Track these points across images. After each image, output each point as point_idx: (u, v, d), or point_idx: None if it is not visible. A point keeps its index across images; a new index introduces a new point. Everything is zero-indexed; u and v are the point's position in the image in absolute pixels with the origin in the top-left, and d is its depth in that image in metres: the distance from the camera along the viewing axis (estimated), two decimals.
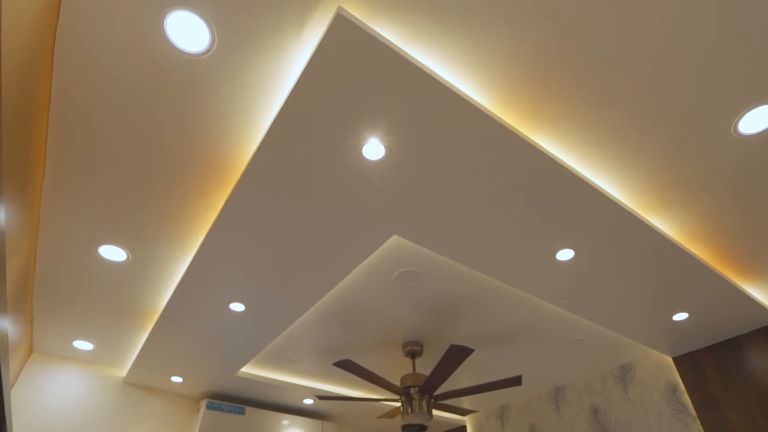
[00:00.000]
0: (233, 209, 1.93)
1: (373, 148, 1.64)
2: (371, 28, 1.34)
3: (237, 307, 2.62)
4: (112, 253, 2.39)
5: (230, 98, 1.64)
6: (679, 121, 1.73)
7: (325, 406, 4.24)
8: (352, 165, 1.71)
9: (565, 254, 2.21)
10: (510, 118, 1.70)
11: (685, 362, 3.20)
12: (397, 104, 1.50)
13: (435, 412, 4.50)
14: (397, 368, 3.64)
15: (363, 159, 1.68)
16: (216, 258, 2.23)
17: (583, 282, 2.44)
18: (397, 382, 3.85)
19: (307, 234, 2.07)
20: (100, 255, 2.41)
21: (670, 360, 3.34)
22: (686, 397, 3.16)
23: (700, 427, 3.03)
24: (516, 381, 2.83)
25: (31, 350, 3.40)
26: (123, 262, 2.46)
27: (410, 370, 3.68)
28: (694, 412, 3.09)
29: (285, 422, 4.04)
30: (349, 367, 2.70)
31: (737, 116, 1.71)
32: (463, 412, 3.36)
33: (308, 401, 4.09)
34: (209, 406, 3.73)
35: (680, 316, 2.77)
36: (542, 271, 2.35)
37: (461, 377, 3.79)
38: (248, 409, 3.91)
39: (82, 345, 3.35)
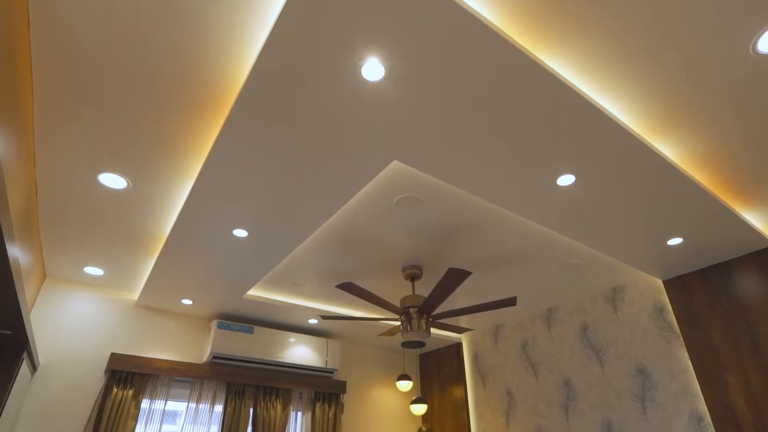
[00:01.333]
0: (230, 134, 1.89)
1: (373, 69, 1.57)
2: None
3: (240, 233, 2.67)
4: (112, 180, 2.39)
5: (221, 13, 1.54)
6: (692, 39, 1.64)
7: (328, 325, 4.48)
8: (351, 86, 1.65)
9: (566, 179, 2.20)
10: (516, 35, 1.61)
11: (675, 285, 3.32)
12: (398, 19, 1.41)
13: (433, 330, 4.77)
14: (397, 291, 3.80)
15: (362, 80, 1.62)
16: (216, 185, 2.23)
17: (582, 207, 2.46)
18: (397, 303, 4.04)
19: (305, 159, 2.05)
20: (101, 183, 2.41)
21: (660, 283, 3.47)
22: (672, 317, 3.33)
23: (683, 343, 3.22)
24: (510, 302, 2.96)
25: (44, 276, 3.53)
26: (124, 189, 2.46)
27: (410, 292, 3.84)
28: (678, 330, 3.27)
29: (291, 340, 4.30)
30: (351, 289, 2.81)
31: (758, 33, 1.61)
32: (459, 330, 3.55)
33: (313, 321, 4.31)
34: (219, 326, 3.94)
35: (675, 241, 2.83)
36: (542, 197, 2.36)
37: (458, 298, 3.97)
38: (256, 328, 4.14)
39: (93, 271, 3.47)
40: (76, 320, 3.60)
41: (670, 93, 1.89)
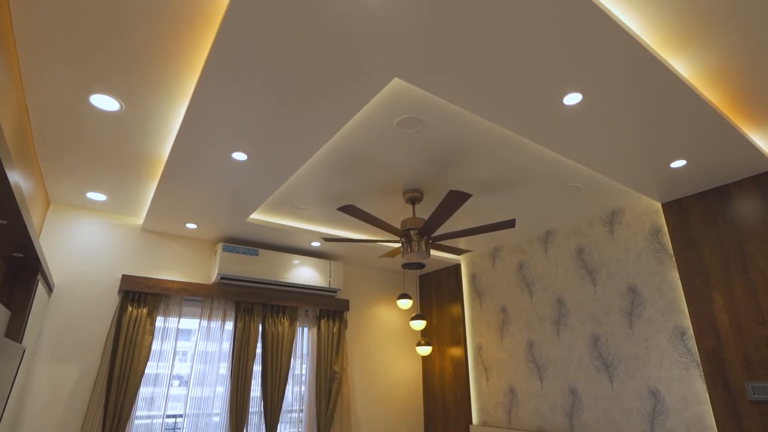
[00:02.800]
0: (222, 48, 1.80)
1: None
2: None
3: (239, 156, 2.65)
4: (105, 102, 2.32)
5: None
6: None
7: (331, 247, 4.60)
8: None
9: (572, 98, 2.13)
10: None
11: (673, 207, 3.35)
12: None
13: (432, 252, 4.91)
14: (397, 213, 3.85)
15: None
16: (211, 105, 2.17)
17: (587, 127, 2.41)
18: (398, 226, 4.11)
19: (302, 77, 1.97)
20: (93, 105, 2.33)
21: (658, 206, 3.50)
22: (667, 239, 3.40)
23: (674, 264, 3.32)
24: (509, 224, 3.00)
25: (48, 202, 3.56)
26: (117, 111, 2.40)
27: (410, 215, 3.89)
28: (671, 251, 3.36)
29: (295, 262, 4.44)
30: (352, 211, 2.85)
31: None
32: (458, 251, 3.65)
33: (315, 244, 4.42)
34: (225, 249, 4.05)
35: (678, 164, 2.81)
36: (548, 117, 2.30)
37: (458, 221, 4.03)
38: (261, 251, 4.26)
39: (95, 196, 3.49)
40: (85, 244, 3.70)
41: (687, 3, 1.76)
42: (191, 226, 3.88)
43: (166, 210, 3.52)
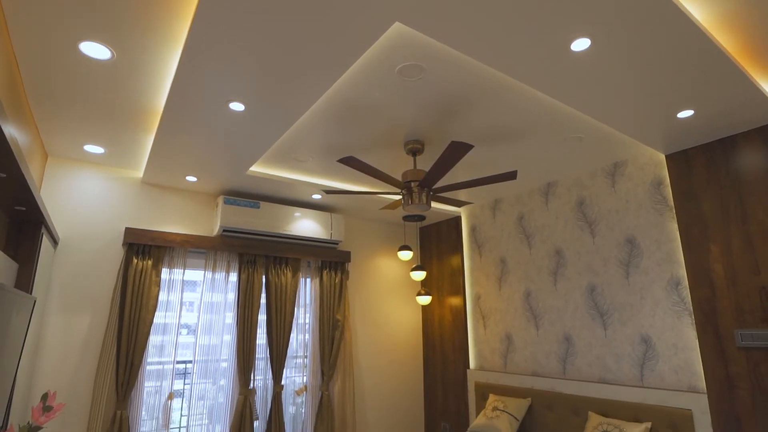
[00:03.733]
0: None
1: None
2: None
3: (236, 106, 2.59)
4: (95, 50, 2.23)
5: None
6: None
7: (332, 200, 4.61)
8: None
9: (580, 44, 2.05)
10: None
11: (677, 159, 3.32)
12: None
13: (433, 204, 4.92)
14: (398, 165, 3.82)
15: None
16: (205, 53, 2.09)
17: (595, 75, 2.33)
18: (398, 178, 4.09)
19: (299, 22, 1.88)
20: (83, 53, 2.25)
21: (662, 157, 3.46)
22: (668, 191, 3.39)
23: (674, 216, 3.33)
24: (511, 176, 2.99)
25: (46, 155, 3.52)
26: (109, 60, 2.32)
27: (411, 167, 3.86)
28: (671, 203, 3.36)
29: (297, 214, 4.46)
30: (352, 163, 2.82)
31: None
32: (459, 203, 3.66)
33: (316, 196, 4.43)
34: (226, 201, 4.06)
35: (685, 114, 2.74)
36: (554, 63, 2.22)
37: (459, 173, 4.01)
38: (262, 204, 4.27)
39: (93, 149, 3.45)
40: (86, 197, 3.70)
41: None
42: (191, 178, 3.87)
43: (165, 162, 3.50)
